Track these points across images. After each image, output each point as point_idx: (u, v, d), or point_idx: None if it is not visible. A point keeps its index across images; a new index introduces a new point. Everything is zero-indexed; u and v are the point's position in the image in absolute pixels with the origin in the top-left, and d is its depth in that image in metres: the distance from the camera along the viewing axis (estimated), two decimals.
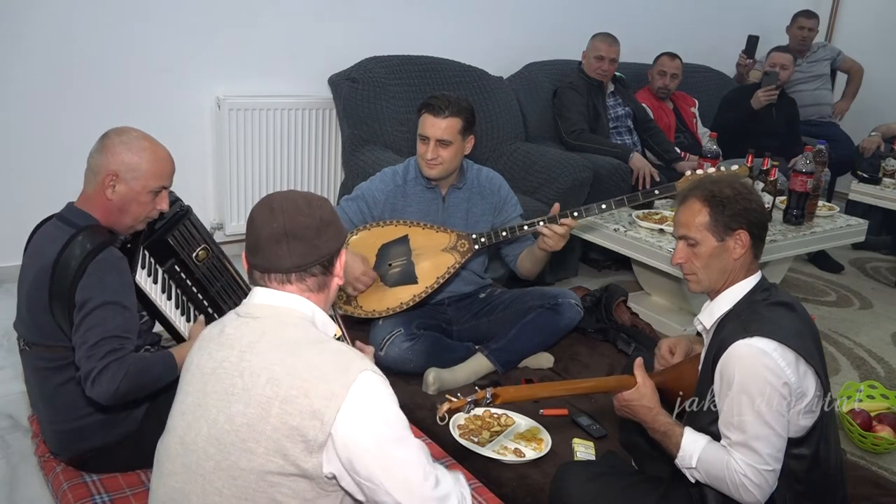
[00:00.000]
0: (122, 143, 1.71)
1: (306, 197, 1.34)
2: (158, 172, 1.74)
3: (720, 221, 1.64)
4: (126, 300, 1.66)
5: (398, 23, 3.81)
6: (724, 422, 1.57)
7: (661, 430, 1.64)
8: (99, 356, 1.56)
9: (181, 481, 1.25)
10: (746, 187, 1.69)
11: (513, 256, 2.64)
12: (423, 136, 2.43)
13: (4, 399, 2.36)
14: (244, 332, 1.28)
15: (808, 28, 4.73)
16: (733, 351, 1.55)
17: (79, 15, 3.06)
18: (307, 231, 1.29)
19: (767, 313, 1.60)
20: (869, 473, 2.21)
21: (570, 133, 3.78)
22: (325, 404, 1.17)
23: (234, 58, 3.43)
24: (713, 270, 1.67)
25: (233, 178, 3.49)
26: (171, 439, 1.29)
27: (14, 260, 3.22)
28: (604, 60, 3.80)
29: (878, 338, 3.28)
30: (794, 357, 1.54)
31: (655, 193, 2.49)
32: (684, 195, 1.72)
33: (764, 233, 1.69)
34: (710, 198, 1.65)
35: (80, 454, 1.80)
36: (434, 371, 2.40)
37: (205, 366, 1.28)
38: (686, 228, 1.68)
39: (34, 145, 3.11)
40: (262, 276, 1.32)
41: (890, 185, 3.91)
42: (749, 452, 1.52)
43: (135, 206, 1.74)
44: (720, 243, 1.64)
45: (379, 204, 2.52)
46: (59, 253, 1.64)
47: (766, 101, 4.10)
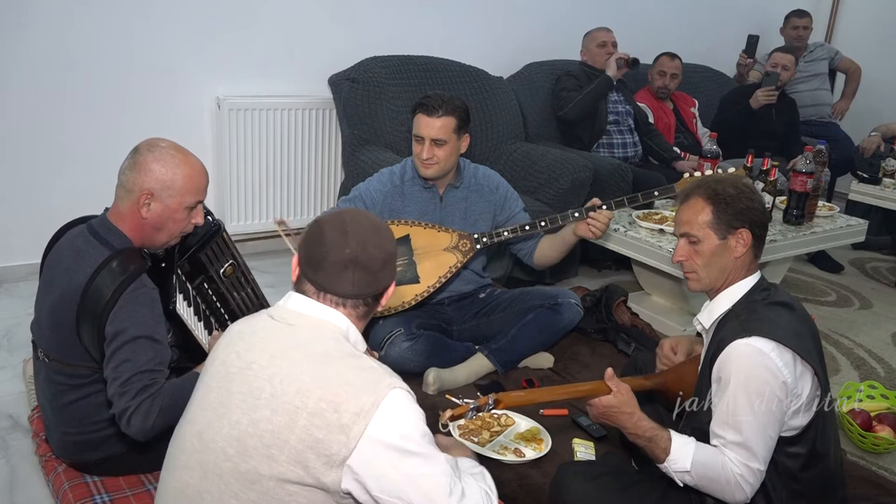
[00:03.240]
0: (155, 159, 1.66)
1: (376, 225, 1.33)
2: (194, 188, 1.70)
3: (723, 220, 1.64)
4: (157, 333, 1.62)
5: (398, 23, 3.81)
6: (719, 421, 1.56)
7: (647, 436, 1.60)
8: (132, 394, 1.53)
9: (196, 478, 1.25)
10: (749, 187, 1.69)
11: (527, 250, 2.63)
12: (419, 136, 2.43)
13: (4, 399, 2.36)
14: (277, 337, 1.28)
15: (801, 27, 4.74)
16: (731, 350, 1.55)
17: (79, 15, 3.06)
18: (374, 263, 1.29)
19: (766, 313, 1.60)
20: (869, 473, 2.21)
21: (562, 108, 3.84)
22: (354, 420, 1.17)
23: (234, 58, 3.43)
24: (714, 269, 1.67)
25: (233, 178, 3.49)
26: (189, 432, 1.28)
27: (14, 260, 3.25)
28: (606, 45, 3.86)
29: (878, 338, 3.28)
30: (791, 357, 1.54)
31: (655, 194, 2.49)
32: (687, 193, 1.72)
33: (765, 232, 1.70)
34: (714, 196, 1.65)
35: (85, 461, 1.80)
36: (434, 371, 2.40)
37: (231, 364, 1.28)
38: (688, 226, 1.68)
39: (34, 145, 3.11)
40: (317, 293, 1.31)
41: (890, 185, 3.91)
42: (745, 452, 1.52)
43: (171, 223, 1.69)
44: (722, 241, 1.65)
45: (377, 204, 2.52)
46: (90, 277, 1.59)
47: (765, 101, 4.10)
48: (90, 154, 3.20)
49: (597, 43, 3.88)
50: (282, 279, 3.29)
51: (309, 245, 1.32)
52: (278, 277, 3.31)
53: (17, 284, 3.08)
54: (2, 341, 2.71)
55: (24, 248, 3.08)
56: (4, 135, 3.06)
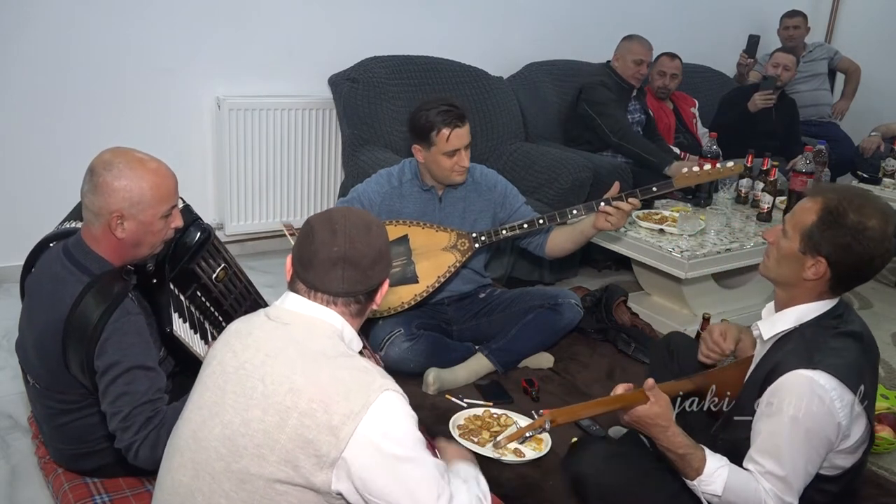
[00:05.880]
0: (115, 177, 1.55)
1: (366, 221, 1.33)
2: (164, 196, 1.61)
3: (814, 237, 1.50)
4: (149, 360, 1.57)
5: (398, 23, 3.81)
6: (761, 448, 1.50)
7: (679, 452, 1.53)
8: (136, 428, 1.50)
9: (189, 476, 1.25)
10: (879, 232, 1.48)
11: (537, 243, 2.62)
12: (453, 149, 2.40)
13: (4, 399, 2.36)
14: (271, 336, 1.28)
15: (792, 26, 4.76)
16: (792, 379, 1.46)
17: (78, 15, 3.06)
18: (364, 260, 1.29)
19: (835, 344, 1.51)
20: (869, 473, 2.20)
21: (616, 132, 3.65)
22: (344, 421, 1.17)
23: (234, 58, 3.43)
24: (782, 270, 1.58)
25: (233, 178, 3.49)
26: (184, 432, 1.29)
27: (14, 260, 3.23)
28: (643, 65, 3.78)
29: (878, 338, 3.21)
30: (851, 398, 1.46)
31: (654, 191, 2.49)
32: (820, 189, 1.59)
33: (854, 281, 1.55)
34: (829, 209, 1.50)
35: (83, 469, 1.79)
36: (434, 371, 2.40)
37: (227, 363, 1.28)
38: (791, 216, 1.57)
39: (34, 146, 3.11)
40: (308, 291, 1.31)
41: (890, 185, 3.91)
42: (782, 486, 1.47)
43: (149, 236, 1.62)
44: (801, 254, 1.53)
45: (375, 206, 2.52)
46: (71, 308, 1.53)
47: (763, 105, 4.10)
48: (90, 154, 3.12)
49: (634, 59, 3.76)
50: (282, 279, 3.25)
51: (300, 244, 1.33)
52: (278, 277, 3.31)
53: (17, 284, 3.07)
54: (2, 341, 2.71)
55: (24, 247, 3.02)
56: (4, 135, 3.06)
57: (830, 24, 5.55)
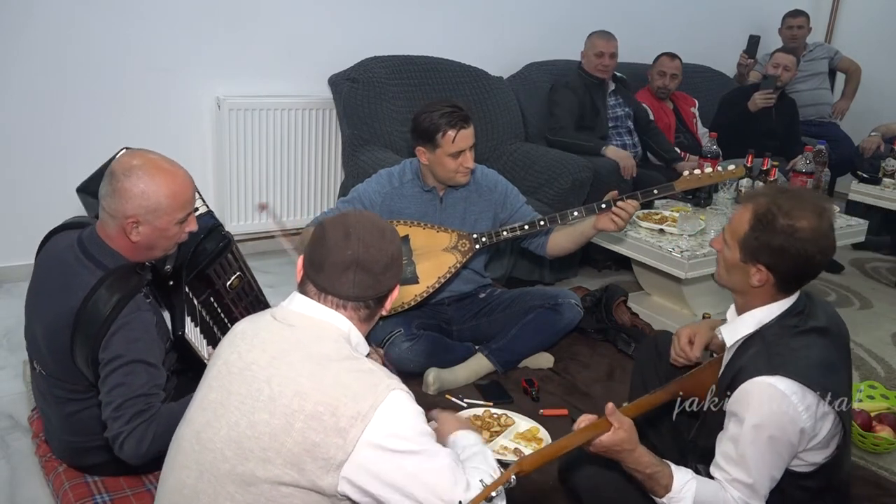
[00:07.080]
0: (133, 184, 1.56)
1: (380, 227, 1.33)
2: (181, 203, 1.62)
3: (750, 245, 1.52)
4: (152, 357, 1.58)
5: (398, 23, 3.81)
6: (727, 456, 1.51)
7: (647, 472, 1.50)
8: (125, 419, 1.51)
9: (193, 478, 1.25)
10: (811, 231, 1.48)
11: (538, 243, 2.62)
12: (458, 151, 2.40)
13: (4, 399, 2.36)
14: (277, 338, 1.27)
15: (796, 26, 4.76)
16: (751, 388, 1.46)
17: (79, 15, 3.06)
18: (376, 265, 1.29)
19: (795, 344, 1.51)
20: (869, 473, 2.21)
21: (550, 129, 3.80)
22: (351, 423, 1.17)
23: (233, 58, 3.43)
24: (733, 277, 1.59)
25: (233, 178, 3.48)
26: (188, 432, 1.29)
27: (14, 260, 3.25)
28: (603, 56, 3.79)
29: (878, 338, 3.27)
30: (815, 399, 1.46)
31: (654, 193, 2.49)
32: (752, 196, 1.59)
33: (801, 280, 1.54)
34: (758, 216, 1.51)
35: (86, 464, 1.80)
36: (434, 371, 2.40)
37: (233, 364, 1.28)
38: (728, 226, 1.59)
39: (34, 146, 3.11)
40: (318, 294, 1.31)
41: (890, 185, 3.91)
42: (749, 492, 1.48)
43: (163, 240, 1.64)
44: (742, 263, 1.54)
45: (375, 206, 2.52)
46: (83, 300, 1.55)
47: (763, 105, 4.10)
48: (91, 154, 3.15)
49: (594, 51, 3.80)
50: (282, 279, 3.29)
51: (312, 246, 1.32)
52: (278, 277, 3.31)
53: (18, 284, 3.07)
54: (2, 341, 2.71)
55: (24, 247, 3.03)
56: (4, 135, 3.05)
57: (830, 24, 5.55)
